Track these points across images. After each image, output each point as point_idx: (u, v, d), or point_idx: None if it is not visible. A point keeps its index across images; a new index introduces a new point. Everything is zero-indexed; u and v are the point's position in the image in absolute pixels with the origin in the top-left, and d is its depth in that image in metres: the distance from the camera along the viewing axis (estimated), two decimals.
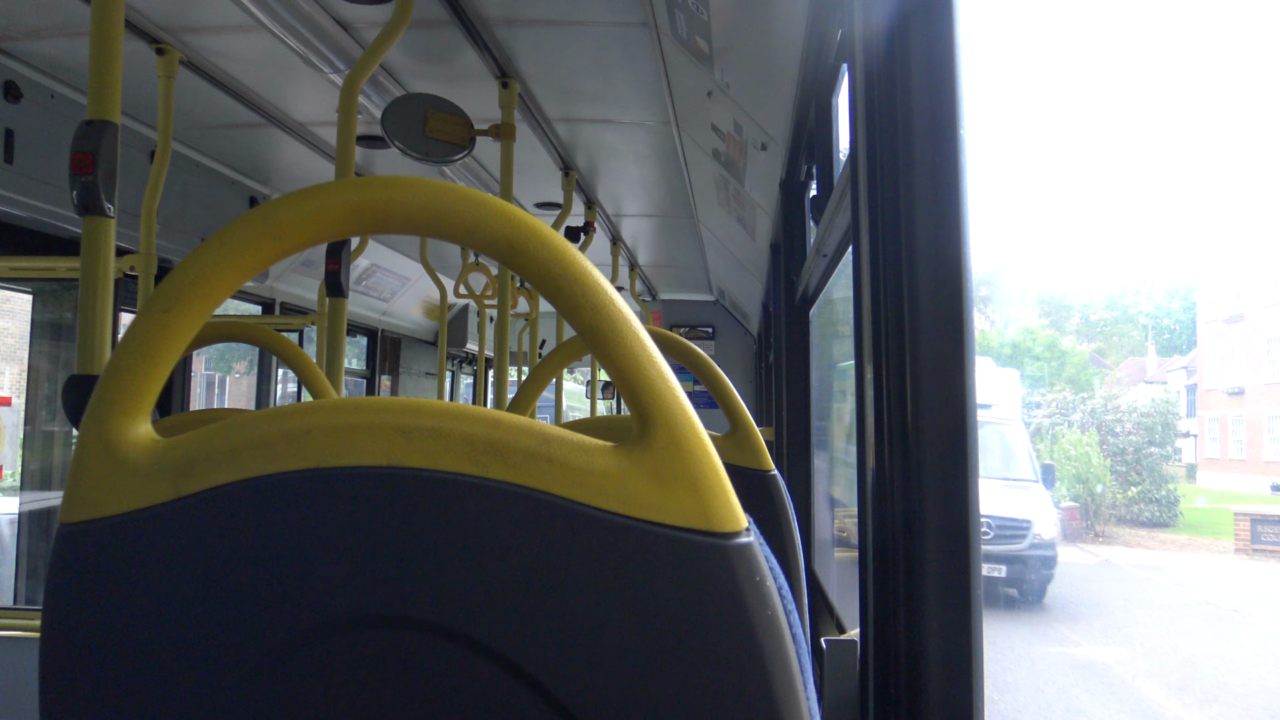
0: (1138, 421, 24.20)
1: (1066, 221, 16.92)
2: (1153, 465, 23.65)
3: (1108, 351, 34.93)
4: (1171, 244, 15.02)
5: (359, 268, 6.20)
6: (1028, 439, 15.06)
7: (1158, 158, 17.44)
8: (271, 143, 4.22)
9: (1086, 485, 22.32)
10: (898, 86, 1.15)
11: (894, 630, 1.15)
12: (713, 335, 9.16)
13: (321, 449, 0.63)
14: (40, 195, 3.28)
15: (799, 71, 2.57)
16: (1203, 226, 13.94)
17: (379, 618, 0.63)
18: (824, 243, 2.64)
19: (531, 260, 0.63)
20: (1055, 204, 17.44)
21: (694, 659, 0.62)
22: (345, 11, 2.90)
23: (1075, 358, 30.21)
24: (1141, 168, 17.42)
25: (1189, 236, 15.20)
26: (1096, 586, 15.75)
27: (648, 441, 0.63)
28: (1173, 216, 15.21)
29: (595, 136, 4.16)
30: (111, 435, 0.64)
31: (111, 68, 1.76)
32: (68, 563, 0.64)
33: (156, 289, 0.65)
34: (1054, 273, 16.48)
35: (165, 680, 0.64)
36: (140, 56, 3.05)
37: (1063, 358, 29.95)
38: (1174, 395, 16.19)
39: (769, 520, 1.66)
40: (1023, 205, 18.34)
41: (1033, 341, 30.99)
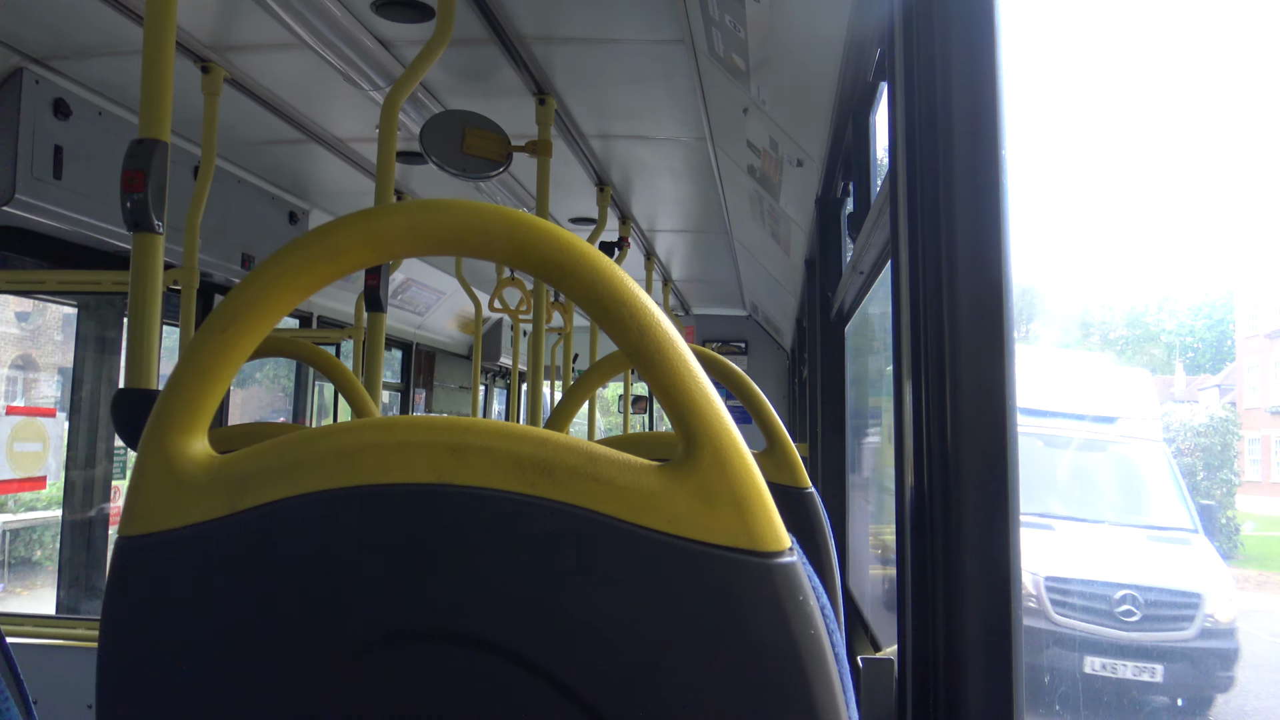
0: (1194, 442, 23.01)
1: (1081, 235, 16.77)
2: (1221, 488, 22.09)
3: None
4: (1198, 259, 14.87)
5: (395, 282, 6.26)
6: (1172, 465, 10.29)
7: (1185, 165, 17.22)
8: (311, 159, 4.28)
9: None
10: (938, 104, 1.15)
11: (932, 650, 1.14)
12: (745, 350, 9.15)
13: (373, 466, 0.65)
14: (87, 210, 3.35)
15: (836, 88, 2.57)
16: (1240, 239, 13.69)
17: (428, 632, 0.64)
18: (860, 259, 2.64)
19: (580, 281, 0.64)
20: (1068, 215, 17.31)
21: (738, 679, 0.63)
22: (386, 30, 2.95)
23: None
24: (1168, 177, 17.15)
25: (1222, 250, 14.86)
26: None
27: (693, 461, 0.64)
28: (1201, 229, 15.01)
29: (630, 152, 4.18)
30: (170, 452, 0.66)
31: (162, 87, 1.80)
32: (126, 575, 0.66)
33: (216, 309, 0.66)
34: (1069, 289, 16.36)
35: (218, 691, 0.65)
36: (186, 74, 3.11)
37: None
38: (1229, 411, 15.24)
39: (806, 538, 1.65)
40: (1031, 215, 18.10)
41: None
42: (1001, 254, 1.12)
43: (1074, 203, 15.25)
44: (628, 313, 0.64)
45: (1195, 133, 14.84)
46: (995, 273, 1.12)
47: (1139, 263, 13.58)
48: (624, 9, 2.79)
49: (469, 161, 3.25)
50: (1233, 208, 14.33)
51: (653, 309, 0.65)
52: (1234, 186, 14.72)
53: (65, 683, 2.72)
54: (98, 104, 3.40)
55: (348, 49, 2.92)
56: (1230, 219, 13.53)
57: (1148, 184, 15.54)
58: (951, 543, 1.12)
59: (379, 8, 2.78)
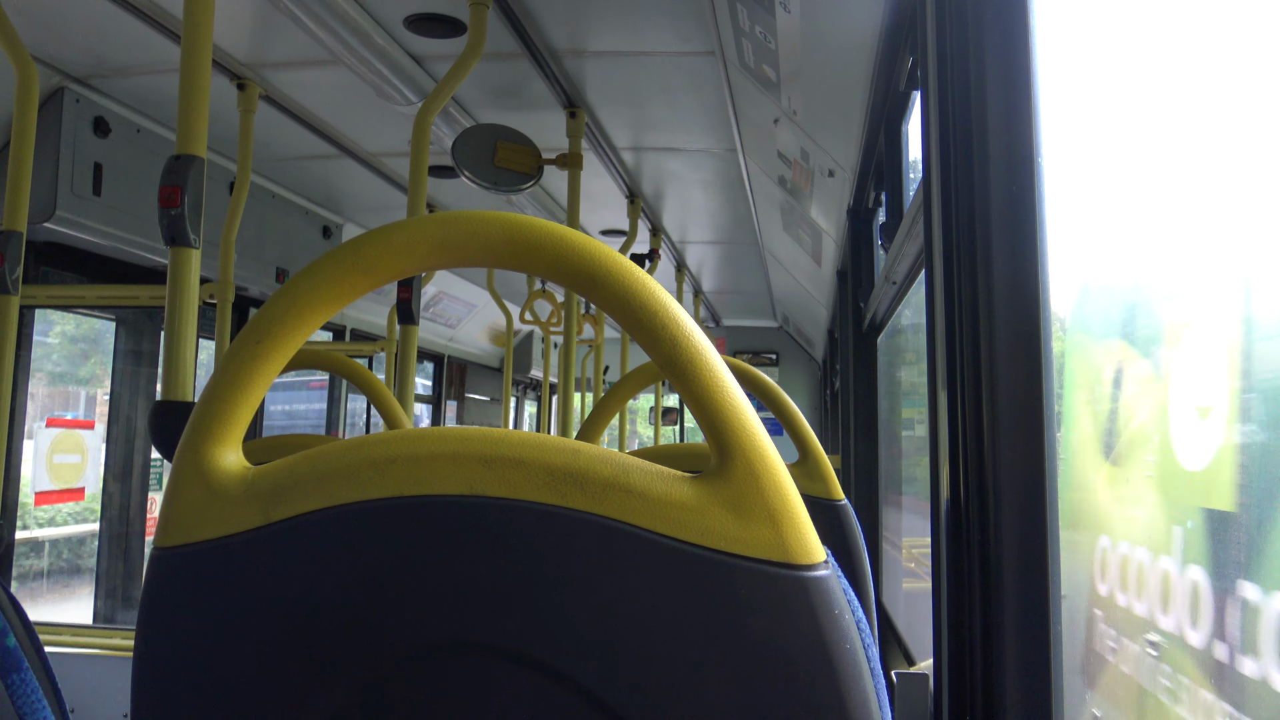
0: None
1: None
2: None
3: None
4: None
5: (427, 295, 6.30)
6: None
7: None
8: (344, 173, 4.33)
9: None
10: (972, 112, 1.14)
11: (969, 665, 1.13)
12: (776, 361, 9.11)
13: (405, 478, 0.65)
14: (125, 226, 3.40)
15: (867, 98, 2.56)
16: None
17: (461, 645, 0.64)
18: (893, 269, 2.62)
19: (612, 293, 0.64)
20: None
21: (773, 692, 0.62)
22: (418, 45, 2.97)
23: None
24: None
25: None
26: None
27: (726, 473, 0.63)
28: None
29: (661, 164, 4.19)
30: (205, 463, 0.66)
31: (199, 104, 1.82)
32: (161, 586, 0.66)
33: (249, 322, 0.67)
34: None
35: (252, 704, 0.65)
36: (222, 91, 3.16)
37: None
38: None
39: (840, 550, 1.64)
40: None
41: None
42: (1038, 262, 1.10)
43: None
44: (660, 324, 0.64)
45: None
46: (1032, 281, 1.10)
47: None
48: (654, 21, 2.80)
49: (500, 175, 3.27)
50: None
51: (685, 320, 0.64)
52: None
53: (101, 692, 2.75)
54: (137, 122, 3.46)
55: (381, 65, 2.95)
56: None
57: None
58: (988, 556, 1.10)
59: (411, 24, 2.81)
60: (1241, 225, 0.98)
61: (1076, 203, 1.32)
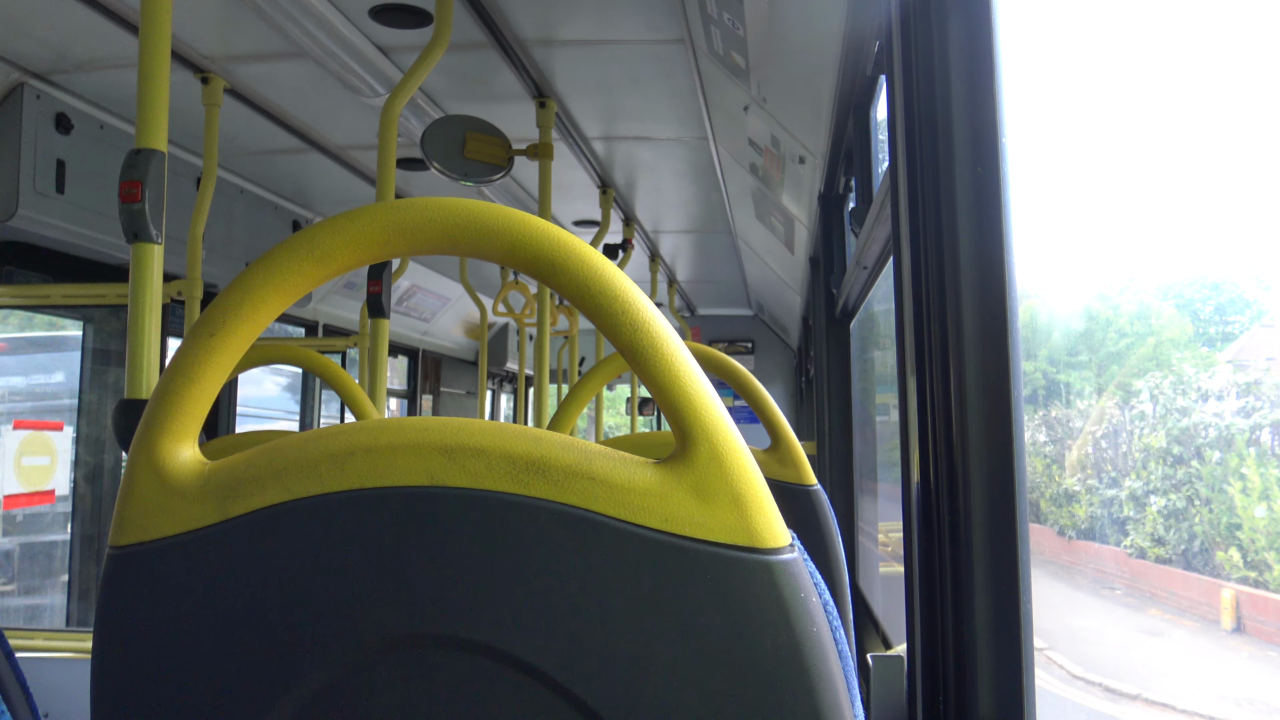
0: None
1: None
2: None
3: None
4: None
5: (400, 289, 6.27)
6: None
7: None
8: (313, 167, 4.29)
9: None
10: (937, 95, 1.14)
11: (941, 645, 1.13)
12: (752, 350, 9.13)
13: (364, 470, 0.64)
14: (90, 224, 3.35)
15: (836, 84, 2.56)
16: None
17: (423, 638, 0.63)
18: (864, 255, 2.63)
19: (571, 278, 0.63)
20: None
21: (739, 677, 0.62)
22: (384, 37, 2.94)
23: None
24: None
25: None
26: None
27: (689, 458, 0.63)
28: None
29: (632, 153, 4.18)
30: (159, 459, 0.65)
31: (158, 97, 1.79)
32: (117, 586, 0.65)
33: (202, 315, 0.65)
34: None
35: (214, 702, 0.64)
36: (186, 86, 3.12)
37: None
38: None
39: (812, 535, 1.64)
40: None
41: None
42: (1003, 245, 1.10)
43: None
44: (620, 308, 0.63)
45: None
46: (998, 265, 1.11)
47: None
48: (622, 10, 2.79)
49: (470, 166, 3.25)
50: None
51: (646, 304, 0.64)
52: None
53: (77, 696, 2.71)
54: (99, 118, 3.41)
55: (347, 56, 2.92)
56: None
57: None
58: (959, 538, 1.11)
59: (376, 14, 2.78)
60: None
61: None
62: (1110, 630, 7.65)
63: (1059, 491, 8.87)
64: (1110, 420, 8.49)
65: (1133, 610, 7.42)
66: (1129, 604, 7.62)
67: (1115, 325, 11.99)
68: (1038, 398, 11.27)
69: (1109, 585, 7.86)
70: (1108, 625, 7.67)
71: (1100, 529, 8.19)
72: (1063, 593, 8.14)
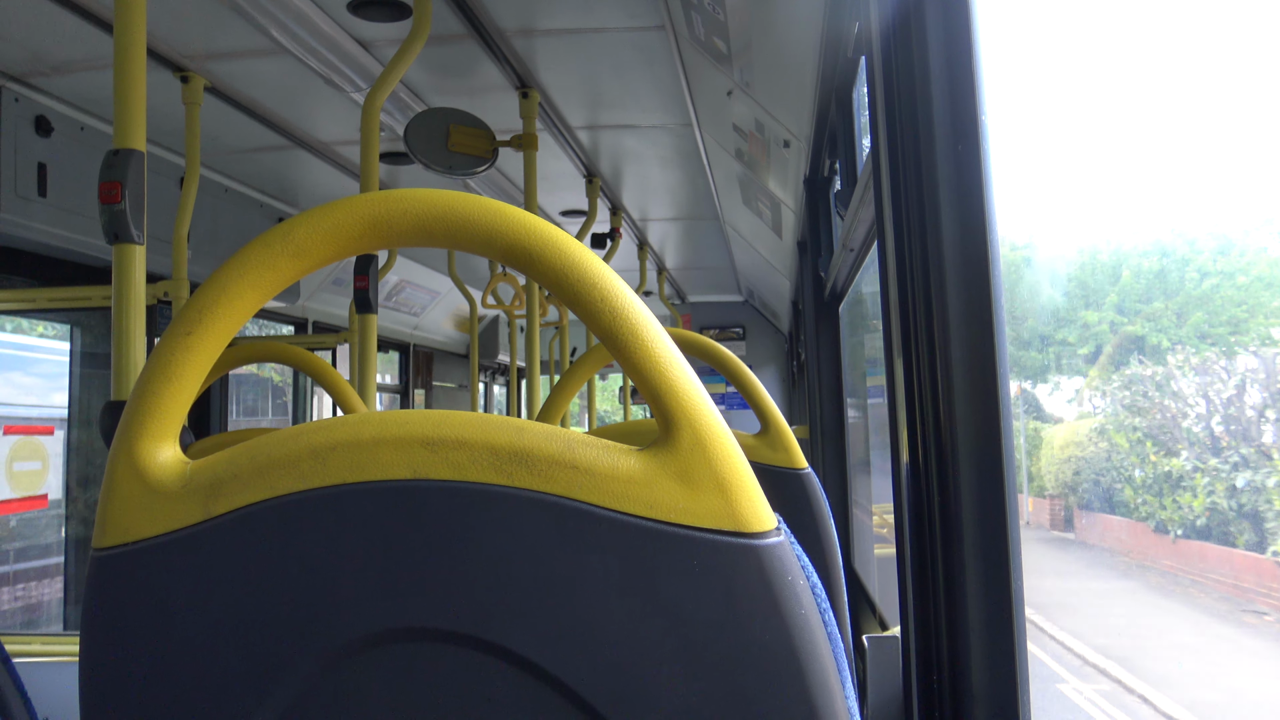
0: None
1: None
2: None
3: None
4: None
5: (388, 284, 6.24)
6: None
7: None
8: (297, 164, 4.27)
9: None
10: (916, 76, 1.14)
11: (935, 626, 1.14)
12: (743, 336, 9.13)
13: (346, 465, 0.64)
14: (74, 227, 3.33)
15: (818, 66, 2.56)
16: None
17: (411, 632, 0.63)
18: (850, 237, 2.63)
19: (549, 267, 0.63)
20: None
21: (728, 662, 0.62)
22: (364, 30, 2.93)
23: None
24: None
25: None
26: None
27: (672, 444, 0.63)
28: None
29: (617, 142, 4.17)
30: (140, 460, 0.64)
31: (135, 97, 1.78)
32: (102, 589, 0.65)
33: (179, 313, 0.65)
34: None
35: (203, 701, 0.64)
36: (165, 85, 3.10)
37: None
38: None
39: (805, 519, 1.64)
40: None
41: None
42: (986, 222, 1.10)
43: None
44: (599, 295, 0.63)
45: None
46: (980, 243, 1.11)
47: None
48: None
49: (455, 159, 3.24)
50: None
51: (624, 291, 0.64)
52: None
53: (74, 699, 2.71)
54: (80, 119, 3.39)
55: (327, 51, 2.90)
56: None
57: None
58: (949, 517, 1.11)
59: (355, 8, 2.76)
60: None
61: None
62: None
63: (1156, 475, 6.85)
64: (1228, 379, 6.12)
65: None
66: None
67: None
68: (1108, 356, 9.98)
69: (1252, 606, 5.25)
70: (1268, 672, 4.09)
71: (1224, 525, 5.76)
72: (1179, 615, 5.50)
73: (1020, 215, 16.08)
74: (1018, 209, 16.26)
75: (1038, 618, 5.43)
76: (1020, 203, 16.63)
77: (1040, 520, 12.31)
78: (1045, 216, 17.61)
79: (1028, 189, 16.79)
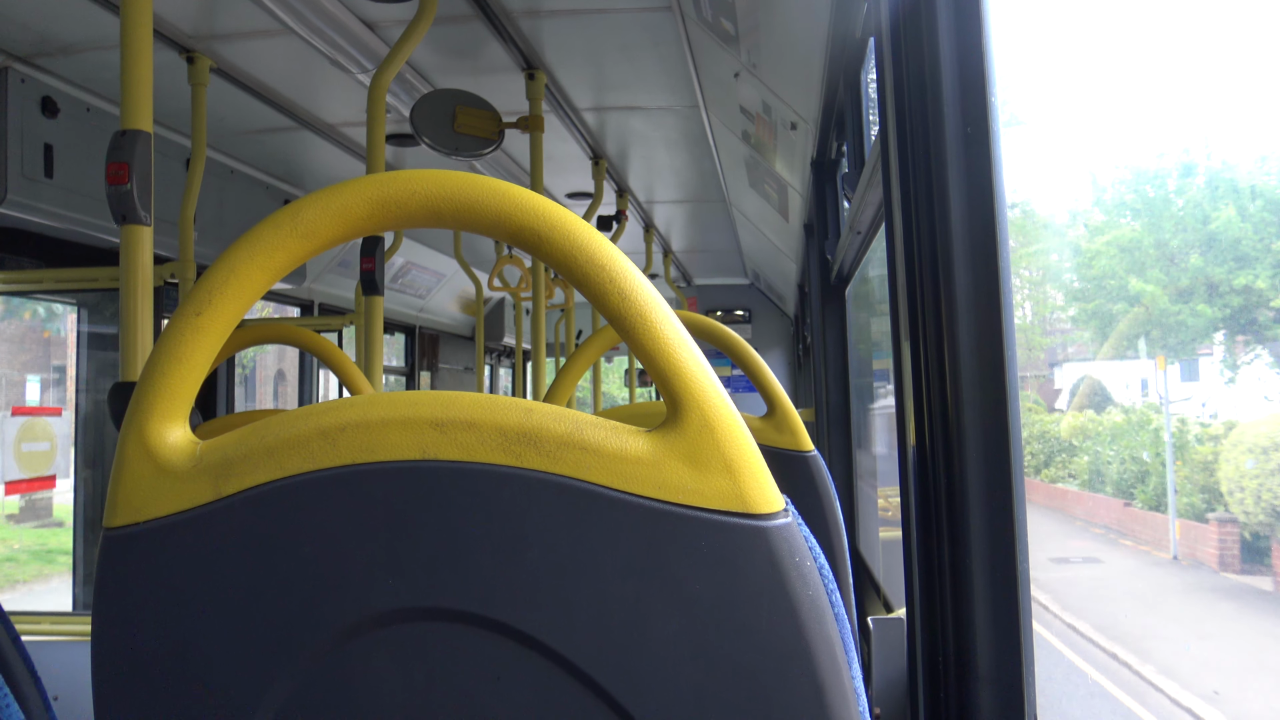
0: None
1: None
2: None
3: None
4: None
5: (394, 266, 6.24)
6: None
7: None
8: (304, 145, 4.26)
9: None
10: (926, 57, 1.13)
11: (940, 607, 1.14)
12: (749, 319, 9.12)
13: (356, 445, 0.64)
14: (80, 208, 3.33)
15: (826, 48, 2.54)
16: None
17: (419, 612, 0.63)
18: (857, 219, 2.62)
19: (557, 248, 0.63)
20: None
21: (736, 642, 0.62)
22: (370, 11, 2.91)
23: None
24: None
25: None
26: None
27: (680, 425, 0.63)
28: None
29: (623, 124, 4.15)
30: (150, 440, 0.65)
31: (142, 78, 1.78)
32: (113, 568, 0.65)
33: (189, 294, 0.65)
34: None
35: (213, 679, 0.64)
36: (172, 66, 3.09)
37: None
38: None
39: (811, 501, 1.64)
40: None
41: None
42: (995, 205, 1.10)
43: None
44: (608, 277, 0.63)
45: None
46: (989, 225, 1.10)
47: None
48: None
49: (461, 140, 3.23)
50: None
51: (633, 272, 0.64)
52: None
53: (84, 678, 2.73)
54: (86, 100, 3.38)
55: (333, 32, 2.89)
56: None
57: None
58: (955, 499, 1.11)
59: None
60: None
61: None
62: None
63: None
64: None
65: None
66: None
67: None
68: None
69: None
70: None
71: None
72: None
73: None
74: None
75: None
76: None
77: (1200, 554, 8.01)
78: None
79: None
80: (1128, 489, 10.01)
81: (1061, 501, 11.63)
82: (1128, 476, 10.07)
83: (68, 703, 2.65)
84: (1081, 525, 10.77)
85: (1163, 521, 9.04)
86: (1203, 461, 8.05)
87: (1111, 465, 10.41)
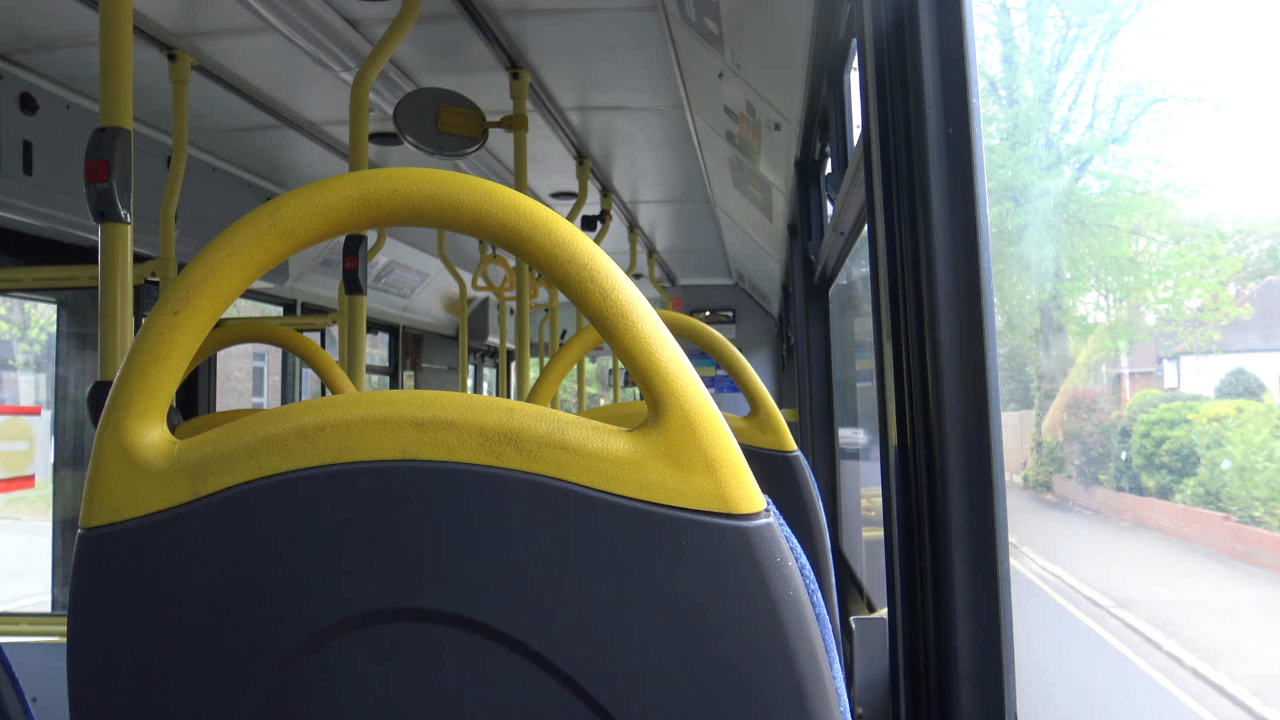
0: None
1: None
2: None
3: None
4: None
5: (378, 265, 6.22)
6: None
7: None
8: (286, 144, 4.24)
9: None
10: (908, 58, 1.14)
11: (922, 607, 1.14)
12: (734, 319, 9.12)
13: (335, 445, 0.63)
14: (60, 205, 3.31)
15: (810, 48, 2.55)
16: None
17: (399, 612, 0.63)
18: (840, 220, 2.62)
19: (538, 247, 0.63)
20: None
21: (716, 642, 0.62)
22: (353, 9, 2.90)
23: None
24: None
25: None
26: None
27: (662, 425, 0.63)
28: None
29: (608, 124, 4.15)
30: (127, 439, 0.64)
31: (121, 75, 1.76)
32: (90, 569, 0.64)
33: (166, 292, 0.65)
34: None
35: (191, 681, 0.64)
36: (153, 63, 3.07)
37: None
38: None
39: (793, 501, 1.65)
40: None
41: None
42: (976, 205, 1.10)
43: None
44: (589, 275, 0.63)
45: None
46: (970, 226, 1.11)
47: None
48: None
49: (445, 139, 3.22)
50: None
51: (614, 272, 0.63)
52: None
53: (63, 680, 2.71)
54: (65, 97, 3.35)
55: (316, 30, 2.88)
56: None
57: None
58: (936, 500, 1.12)
59: None
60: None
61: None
62: None
63: None
64: None
65: None
66: None
67: None
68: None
69: None
70: None
71: None
72: None
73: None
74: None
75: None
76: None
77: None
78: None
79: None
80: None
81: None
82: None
83: (46, 704, 2.63)
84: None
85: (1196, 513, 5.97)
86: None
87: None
